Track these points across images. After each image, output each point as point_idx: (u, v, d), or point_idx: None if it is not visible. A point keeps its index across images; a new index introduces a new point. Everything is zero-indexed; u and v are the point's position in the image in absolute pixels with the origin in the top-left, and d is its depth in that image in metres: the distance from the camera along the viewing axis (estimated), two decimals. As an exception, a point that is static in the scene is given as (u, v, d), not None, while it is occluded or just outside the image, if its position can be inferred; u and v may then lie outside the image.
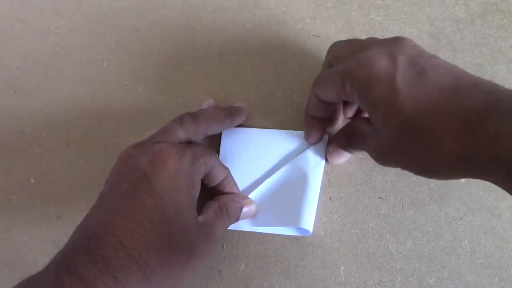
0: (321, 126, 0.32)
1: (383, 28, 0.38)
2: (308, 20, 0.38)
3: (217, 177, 0.30)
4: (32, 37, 0.39)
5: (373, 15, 0.38)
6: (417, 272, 0.32)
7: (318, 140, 0.33)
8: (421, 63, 0.23)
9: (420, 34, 0.38)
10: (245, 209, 0.31)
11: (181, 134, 0.28)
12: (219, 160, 0.30)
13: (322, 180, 0.33)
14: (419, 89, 0.22)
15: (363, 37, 0.37)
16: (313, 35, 0.38)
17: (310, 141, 0.33)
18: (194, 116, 0.29)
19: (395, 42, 0.25)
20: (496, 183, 0.20)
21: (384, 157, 0.26)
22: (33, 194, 0.35)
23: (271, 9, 0.39)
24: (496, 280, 0.32)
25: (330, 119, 0.33)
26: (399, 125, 0.22)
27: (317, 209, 0.33)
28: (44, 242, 0.35)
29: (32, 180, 0.36)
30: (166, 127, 0.28)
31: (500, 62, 0.37)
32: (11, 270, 0.34)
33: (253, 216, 0.33)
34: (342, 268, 0.33)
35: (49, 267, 0.22)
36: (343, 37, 0.38)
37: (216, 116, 0.31)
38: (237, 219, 0.31)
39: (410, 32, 0.38)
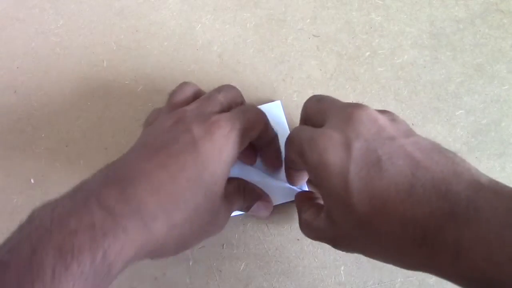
0: (299, 174, 0.31)
1: (383, 28, 0.38)
2: (308, 20, 0.38)
3: (262, 140, 0.30)
4: (32, 37, 0.39)
5: (373, 15, 0.38)
6: (417, 272, 0.32)
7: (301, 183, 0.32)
8: (378, 151, 0.21)
9: (420, 34, 0.38)
10: (259, 203, 0.31)
11: (220, 98, 0.28)
12: (268, 126, 0.29)
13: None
14: (374, 185, 0.21)
15: (364, 37, 0.38)
16: (313, 35, 0.38)
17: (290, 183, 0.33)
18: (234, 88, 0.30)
19: (353, 120, 0.23)
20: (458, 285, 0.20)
21: (343, 247, 0.25)
22: (33, 194, 0.35)
23: (271, 9, 0.39)
24: (496, 280, 0.32)
25: None
26: (356, 223, 0.22)
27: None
28: (44, 242, 0.35)
29: (32, 180, 0.36)
30: (207, 94, 0.29)
31: (500, 62, 0.37)
32: (11, 270, 0.34)
33: (262, 217, 0.33)
34: (342, 268, 0.33)
35: (77, 197, 0.21)
36: (343, 37, 0.38)
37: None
38: (248, 209, 0.31)
39: (410, 32, 0.38)
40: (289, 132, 0.34)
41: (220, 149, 0.25)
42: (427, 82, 0.36)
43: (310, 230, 0.27)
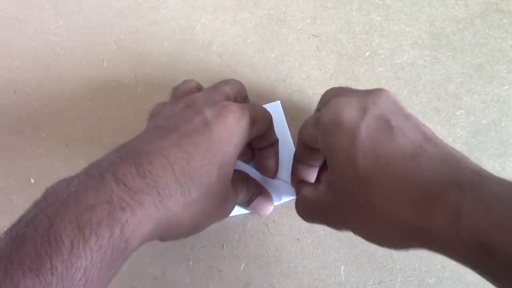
0: (307, 171, 0.31)
1: (383, 28, 0.38)
2: (308, 20, 0.38)
3: (263, 143, 0.31)
4: (32, 37, 0.39)
5: (373, 15, 0.38)
6: (417, 272, 0.32)
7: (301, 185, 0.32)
8: (392, 121, 0.22)
9: (420, 34, 0.38)
10: (259, 199, 0.31)
11: (227, 89, 0.29)
12: (272, 127, 0.30)
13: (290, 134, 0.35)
14: (382, 147, 0.21)
15: (364, 37, 0.38)
16: (313, 35, 0.38)
17: (294, 186, 0.32)
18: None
19: (373, 94, 0.24)
20: (453, 258, 0.19)
21: (335, 222, 0.25)
22: (33, 194, 0.35)
23: (271, 9, 0.39)
24: (496, 280, 0.32)
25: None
26: (354, 179, 0.22)
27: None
28: (44, 242, 0.34)
29: (32, 180, 0.36)
30: (214, 85, 0.29)
31: (500, 62, 0.37)
32: (11, 270, 0.34)
33: (264, 214, 0.33)
34: (342, 268, 0.33)
35: (91, 173, 0.21)
36: (343, 37, 0.38)
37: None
38: (249, 203, 0.31)
39: (410, 32, 0.38)
40: (289, 132, 0.34)
41: (231, 132, 0.25)
42: (427, 82, 0.36)
43: (306, 205, 0.28)
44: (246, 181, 0.31)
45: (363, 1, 0.38)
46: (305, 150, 0.29)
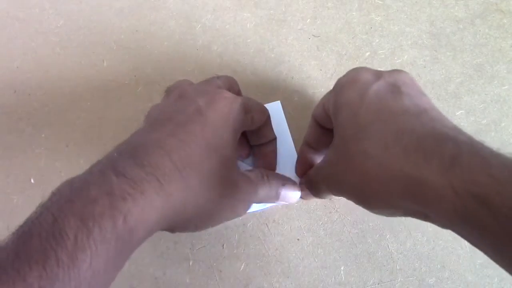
0: (312, 156, 0.31)
1: (383, 28, 0.38)
2: (308, 20, 0.38)
3: (261, 139, 0.31)
4: (32, 37, 0.39)
5: (373, 15, 0.38)
6: (417, 272, 0.32)
7: (305, 172, 0.32)
8: (402, 89, 0.23)
9: (420, 34, 0.38)
10: (286, 190, 0.31)
11: (219, 82, 0.30)
12: (269, 123, 0.31)
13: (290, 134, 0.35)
14: (386, 103, 0.23)
15: (364, 37, 0.38)
16: (313, 35, 0.38)
17: (298, 173, 0.32)
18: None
19: (392, 70, 0.26)
20: (441, 213, 0.19)
21: (333, 175, 0.25)
22: (33, 194, 0.35)
23: (271, 9, 0.39)
24: (496, 280, 0.32)
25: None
26: (353, 129, 0.23)
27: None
28: (44, 242, 0.34)
29: (32, 180, 0.36)
30: (206, 79, 0.30)
31: (500, 62, 0.37)
32: (11, 270, 0.34)
33: (293, 202, 0.31)
34: (342, 268, 0.33)
35: (92, 170, 0.22)
36: (343, 37, 0.38)
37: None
38: (278, 197, 0.30)
39: (410, 32, 0.38)
40: (289, 131, 0.34)
41: (225, 117, 0.26)
42: (427, 82, 0.36)
43: (314, 170, 0.29)
44: (266, 178, 0.30)
45: (363, 1, 0.38)
46: (316, 130, 0.30)
